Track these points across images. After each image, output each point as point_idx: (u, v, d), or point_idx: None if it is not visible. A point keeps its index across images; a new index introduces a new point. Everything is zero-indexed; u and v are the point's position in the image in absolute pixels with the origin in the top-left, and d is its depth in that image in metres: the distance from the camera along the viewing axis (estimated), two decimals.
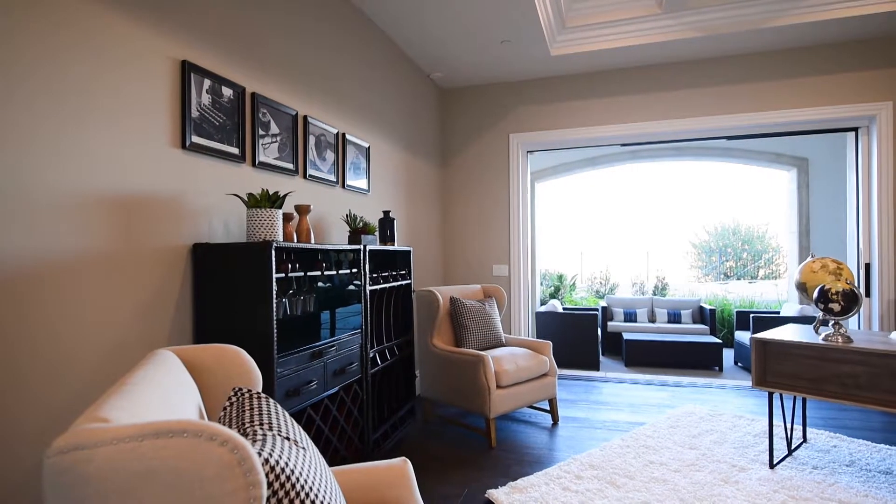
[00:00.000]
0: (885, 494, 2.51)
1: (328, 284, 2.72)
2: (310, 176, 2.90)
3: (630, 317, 7.18)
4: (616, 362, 6.32)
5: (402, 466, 1.57)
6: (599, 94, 4.75)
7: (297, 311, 2.39)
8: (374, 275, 2.92)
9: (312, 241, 2.51)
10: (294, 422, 1.20)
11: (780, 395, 2.95)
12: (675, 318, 7.00)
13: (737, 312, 6.30)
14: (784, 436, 3.16)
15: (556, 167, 7.77)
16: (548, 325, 6.02)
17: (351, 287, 2.70)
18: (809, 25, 3.80)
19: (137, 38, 1.88)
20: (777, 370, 2.89)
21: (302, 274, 2.24)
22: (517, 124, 5.00)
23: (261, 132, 2.50)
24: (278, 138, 2.64)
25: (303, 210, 2.48)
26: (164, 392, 1.09)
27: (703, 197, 16.87)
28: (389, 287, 3.12)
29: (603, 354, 6.84)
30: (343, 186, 3.29)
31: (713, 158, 7.31)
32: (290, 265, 2.16)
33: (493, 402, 3.24)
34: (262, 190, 2.17)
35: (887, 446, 3.13)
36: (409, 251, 3.41)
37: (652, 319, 7.26)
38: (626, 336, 6.25)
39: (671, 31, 4.02)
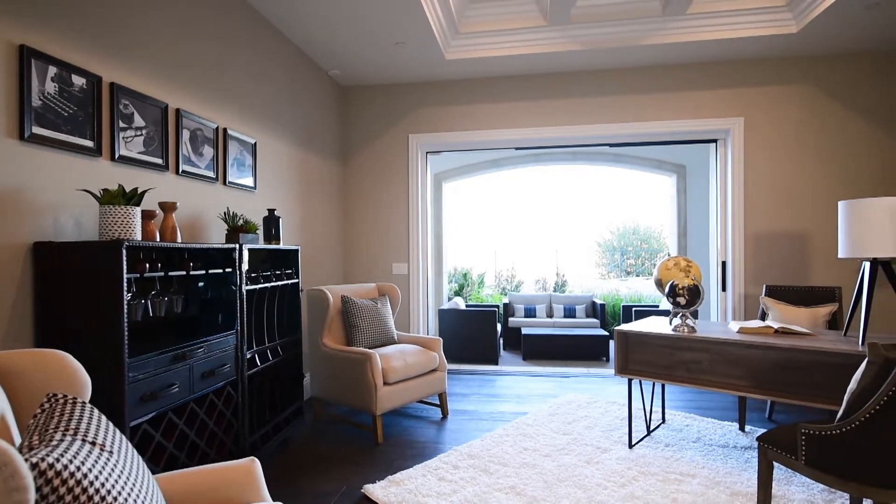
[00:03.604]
0: (718, 465, 2.84)
1: (202, 284, 2.64)
2: (183, 172, 2.78)
3: (530, 312, 7.53)
4: (515, 356, 6.61)
5: (249, 466, 1.57)
6: (494, 99, 4.94)
7: (160, 313, 2.31)
8: (254, 274, 2.86)
9: (179, 239, 2.41)
10: (112, 427, 1.17)
11: (640, 382, 3.25)
12: (570, 312, 7.43)
13: (623, 307, 6.81)
14: (644, 418, 3.47)
15: (462, 168, 7.96)
16: (450, 322, 6.17)
17: (226, 287, 2.63)
18: (678, 45, 4.19)
19: None
20: (636, 359, 3.17)
21: (162, 274, 2.15)
22: (417, 125, 5.08)
23: (122, 125, 2.37)
24: (144, 131, 2.51)
25: (168, 207, 2.38)
26: None
27: (605, 199, 17.96)
28: (272, 286, 3.07)
29: (505, 349, 7.12)
30: (224, 183, 3.19)
31: (606, 163, 7.82)
32: (148, 265, 2.07)
33: (380, 399, 3.29)
34: (118, 186, 2.07)
35: (729, 423, 3.55)
36: (297, 250, 3.37)
37: (550, 315, 7.66)
38: (524, 331, 6.55)
39: (556, 43, 4.27)
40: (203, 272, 2.43)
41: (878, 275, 3.65)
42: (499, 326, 6.79)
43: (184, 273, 2.29)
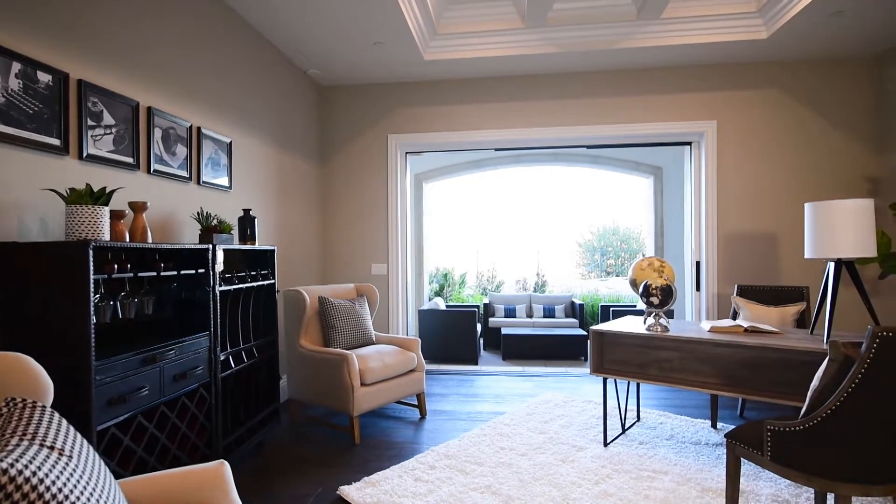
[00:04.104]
0: (690, 462, 2.90)
1: (175, 285, 2.60)
2: (155, 171, 2.74)
3: (510, 312, 7.57)
4: (496, 356, 6.64)
5: (218, 468, 1.55)
6: (474, 100, 4.96)
7: (130, 314, 2.27)
8: (229, 275, 2.83)
9: (150, 240, 2.38)
10: (73, 431, 1.15)
11: (615, 381, 3.30)
12: (550, 312, 7.49)
13: (601, 306, 6.89)
14: (619, 416, 3.51)
15: (443, 168, 7.97)
16: (430, 322, 6.18)
17: (199, 288, 2.59)
18: (652, 49, 4.25)
19: None
20: (611, 358, 3.22)
21: (131, 275, 2.12)
22: (396, 125, 5.08)
23: (91, 123, 2.32)
24: (114, 130, 2.47)
25: (138, 207, 2.34)
26: None
27: (586, 200, 18.15)
28: (248, 287, 3.03)
29: (485, 349, 7.15)
30: (198, 183, 3.15)
31: (585, 165, 7.91)
32: (116, 266, 2.03)
33: (357, 400, 3.28)
34: (86, 185, 2.03)
35: (702, 420, 3.61)
36: (273, 250, 3.34)
37: (530, 315, 7.71)
38: (504, 331, 6.58)
39: (533, 45, 4.31)
40: (175, 273, 2.39)
41: (843, 275, 3.76)
42: (479, 327, 6.81)
43: (154, 274, 2.25)
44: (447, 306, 6.98)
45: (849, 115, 4.44)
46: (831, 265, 2.73)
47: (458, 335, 6.02)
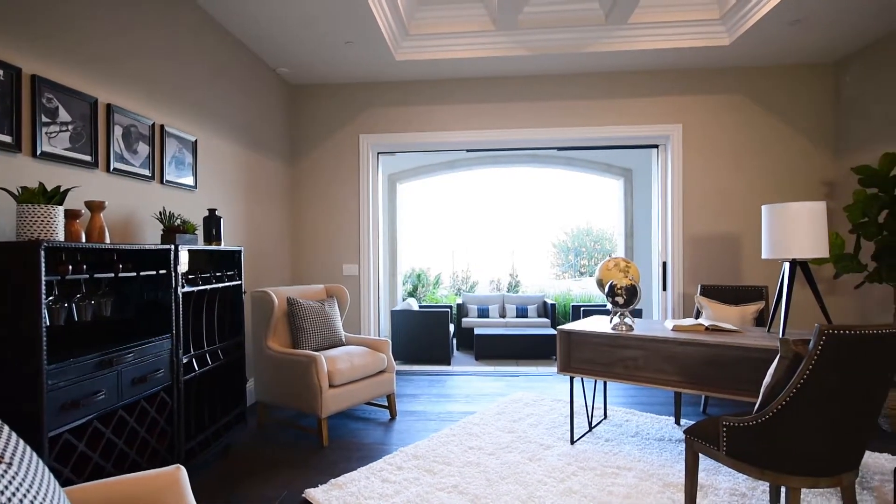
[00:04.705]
0: (653, 458, 2.96)
1: (136, 287, 2.54)
2: (115, 170, 2.67)
3: (483, 313, 7.61)
4: (469, 356, 6.66)
5: (174, 473, 1.53)
6: (446, 101, 4.97)
7: (86, 317, 2.21)
8: (193, 276, 2.78)
9: (107, 240, 2.32)
10: (14, 438, 1.12)
11: (582, 380, 3.35)
12: (522, 312, 7.55)
13: (573, 306, 6.98)
14: (586, 414, 3.56)
15: (417, 169, 7.96)
16: (403, 322, 6.16)
17: (161, 289, 2.54)
18: (621, 53, 4.33)
19: None
20: (578, 357, 3.27)
21: (87, 276, 2.06)
22: (368, 126, 5.05)
23: (45, 119, 2.25)
24: (71, 127, 2.40)
25: (95, 207, 2.28)
26: None
27: (560, 201, 18.34)
28: (213, 288, 2.98)
29: (458, 350, 7.17)
30: (162, 182, 3.08)
31: (558, 167, 8.00)
32: (71, 267, 1.98)
33: (326, 402, 3.25)
34: (39, 184, 1.97)
35: (666, 417, 3.70)
36: (240, 251, 3.29)
37: (503, 315, 7.76)
38: (476, 331, 6.61)
39: (505, 48, 4.34)
40: (134, 274, 2.34)
41: (800, 274, 3.89)
42: (452, 327, 6.83)
43: (112, 275, 2.19)
44: (420, 307, 6.98)
45: (808, 120, 4.59)
46: (786, 265, 2.83)
47: (430, 336, 6.02)
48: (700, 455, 2.33)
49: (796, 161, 4.60)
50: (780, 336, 2.73)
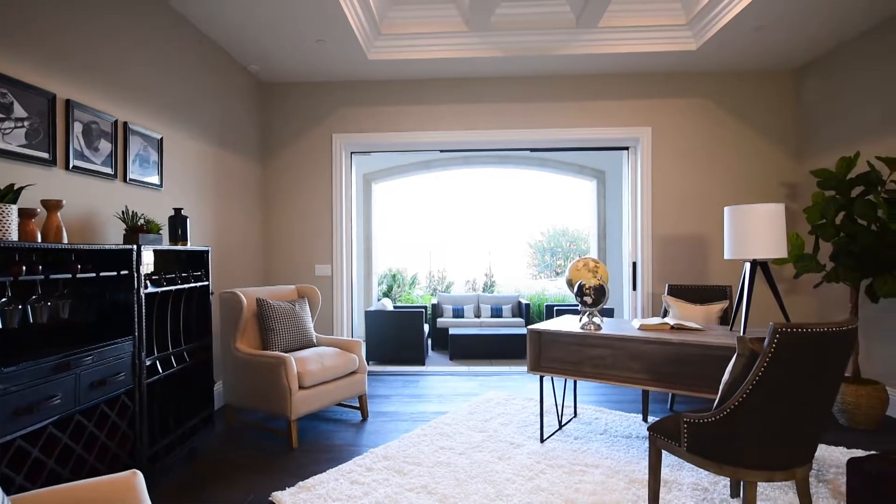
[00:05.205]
0: (620, 455, 3.01)
1: (98, 288, 2.48)
2: (75, 167, 2.60)
3: (458, 313, 7.63)
4: (443, 356, 6.67)
5: (130, 478, 1.49)
6: (419, 101, 4.97)
7: (42, 319, 2.14)
8: (157, 276, 2.72)
9: (65, 240, 2.26)
10: None
11: (552, 378, 3.39)
12: (497, 312, 7.60)
13: (546, 306, 7.04)
14: (556, 413, 3.61)
15: (392, 169, 7.94)
16: (378, 323, 6.14)
17: (124, 290, 2.48)
18: (591, 57, 4.39)
19: None
20: (548, 356, 3.30)
21: (42, 277, 2.00)
22: (341, 125, 5.02)
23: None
24: (27, 123, 2.32)
25: (52, 206, 2.22)
26: None
27: (536, 202, 18.49)
28: (178, 289, 2.92)
29: (433, 350, 7.17)
30: (125, 180, 3.01)
31: (532, 167, 8.07)
32: (25, 267, 1.92)
33: (295, 404, 3.22)
34: None
35: (635, 414, 3.76)
36: (206, 251, 3.23)
37: (478, 315, 7.79)
38: (451, 331, 6.62)
39: (477, 49, 4.36)
40: (94, 275, 2.28)
41: (760, 274, 4.00)
42: (427, 327, 6.83)
43: (69, 276, 2.13)
44: (395, 307, 6.96)
45: (771, 124, 4.73)
46: (747, 265, 2.91)
47: (404, 336, 6.01)
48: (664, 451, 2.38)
49: (760, 164, 4.74)
50: (740, 334, 2.81)
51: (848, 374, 3.64)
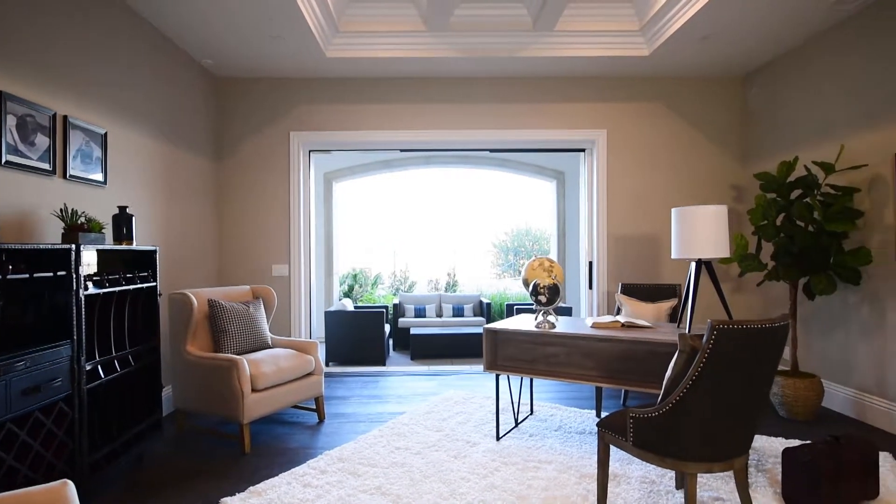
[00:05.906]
0: (573, 451, 3.08)
1: (36, 290, 2.36)
2: (8, 163, 2.47)
3: (420, 312, 7.62)
4: (405, 356, 6.65)
5: (61, 489, 1.43)
6: (379, 100, 4.94)
7: None
8: (99, 277, 2.61)
9: None
10: None
11: (508, 377, 3.43)
12: (459, 312, 7.63)
13: (507, 305, 7.12)
14: (513, 411, 3.65)
15: (353, 168, 7.87)
16: (337, 323, 6.07)
17: (62, 292, 2.37)
18: (548, 59, 4.46)
19: None
20: (504, 354, 3.34)
21: None
22: (299, 123, 4.94)
23: None
24: None
25: None
26: None
27: (498, 202, 18.65)
28: (122, 290, 2.81)
29: (395, 350, 7.14)
30: (65, 177, 2.88)
31: (493, 168, 8.15)
32: None
33: (248, 407, 3.15)
34: None
35: (588, 411, 3.85)
36: (154, 251, 3.12)
37: (439, 314, 7.81)
38: (412, 331, 6.61)
39: (436, 49, 4.37)
40: (27, 276, 2.17)
41: (705, 273, 4.15)
42: (388, 327, 6.80)
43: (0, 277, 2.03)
44: (355, 307, 6.90)
45: (719, 129, 4.92)
46: (693, 265, 3.02)
47: (365, 337, 5.96)
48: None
49: (710, 167, 4.93)
50: (684, 331, 2.91)
51: (787, 367, 3.82)
